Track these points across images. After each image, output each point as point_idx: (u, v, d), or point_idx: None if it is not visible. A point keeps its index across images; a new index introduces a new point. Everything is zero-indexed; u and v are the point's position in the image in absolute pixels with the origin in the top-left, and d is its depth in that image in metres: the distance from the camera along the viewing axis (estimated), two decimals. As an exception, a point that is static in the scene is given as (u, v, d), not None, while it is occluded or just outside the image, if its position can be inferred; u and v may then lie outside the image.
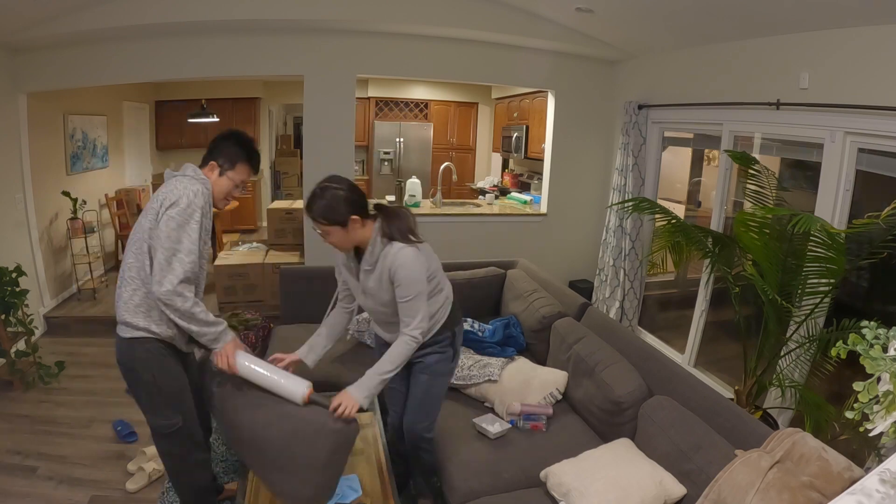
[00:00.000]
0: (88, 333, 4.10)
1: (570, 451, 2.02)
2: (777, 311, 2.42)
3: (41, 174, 4.17)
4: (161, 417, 1.86)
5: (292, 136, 9.03)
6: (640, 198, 3.27)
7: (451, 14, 3.83)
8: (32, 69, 3.77)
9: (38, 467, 2.56)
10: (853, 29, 2.51)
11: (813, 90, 2.72)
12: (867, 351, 0.88)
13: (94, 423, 2.95)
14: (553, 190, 4.78)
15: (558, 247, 4.87)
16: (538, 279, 3.33)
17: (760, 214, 2.50)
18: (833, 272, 2.28)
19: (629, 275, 4.23)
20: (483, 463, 2.08)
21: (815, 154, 2.85)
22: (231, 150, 1.88)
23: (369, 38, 4.06)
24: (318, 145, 4.13)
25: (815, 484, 1.39)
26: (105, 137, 5.37)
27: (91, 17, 3.40)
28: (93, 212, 4.93)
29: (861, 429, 0.92)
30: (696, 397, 2.04)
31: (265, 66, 4.05)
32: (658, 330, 4.38)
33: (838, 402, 2.39)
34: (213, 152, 1.88)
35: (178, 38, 3.82)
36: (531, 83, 4.94)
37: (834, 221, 2.64)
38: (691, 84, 3.66)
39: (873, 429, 0.86)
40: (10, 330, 3.35)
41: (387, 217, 1.85)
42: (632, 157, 4.10)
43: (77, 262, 4.66)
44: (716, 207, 3.53)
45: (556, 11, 3.81)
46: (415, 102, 7.39)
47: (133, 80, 4.34)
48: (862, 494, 0.85)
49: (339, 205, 1.73)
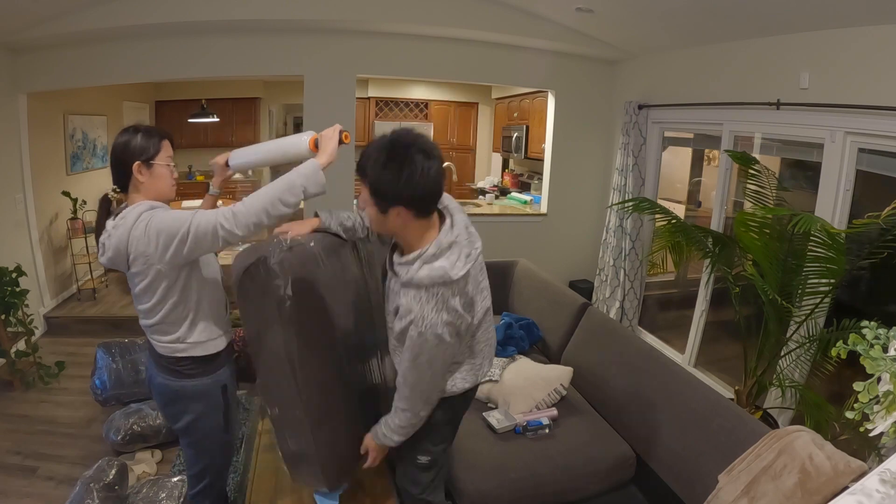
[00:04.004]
0: (88, 333, 4.09)
1: (578, 449, 2.02)
2: (777, 311, 2.42)
3: (41, 174, 4.17)
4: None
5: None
6: (640, 198, 3.27)
7: (451, 14, 3.83)
8: (32, 69, 3.77)
9: (38, 467, 2.56)
10: (853, 29, 2.51)
11: (813, 90, 2.72)
12: (867, 351, 0.88)
13: (94, 423, 2.95)
14: (553, 190, 4.78)
15: (558, 247, 4.86)
16: (538, 279, 3.33)
17: (760, 214, 2.50)
18: (833, 272, 2.28)
19: (629, 275, 4.23)
20: (490, 464, 2.08)
21: (815, 154, 2.85)
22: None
23: (369, 38, 4.06)
24: (319, 145, 4.12)
25: (795, 495, 1.39)
26: (105, 137, 5.37)
27: (91, 16, 3.40)
28: (93, 212, 4.92)
29: (861, 429, 0.92)
30: (697, 397, 2.04)
31: (265, 66, 4.05)
32: (658, 330, 4.37)
33: (838, 402, 2.38)
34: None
35: (178, 39, 3.82)
36: (531, 83, 4.94)
37: (834, 221, 2.64)
38: (691, 84, 3.66)
39: (873, 429, 0.86)
40: (10, 330, 3.35)
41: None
42: (632, 157, 4.09)
43: (77, 262, 4.66)
44: (716, 207, 3.52)
45: (556, 11, 3.81)
46: (415, 102, 7.38)
47: (133, 80, 4.34)
48: (862, 494, 0.85)
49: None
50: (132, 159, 1.50)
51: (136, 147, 1.50)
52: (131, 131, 1.53)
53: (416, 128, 1.38)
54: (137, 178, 1.51)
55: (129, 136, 1.52)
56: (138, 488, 2.29)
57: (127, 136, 1.52)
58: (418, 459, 1.66)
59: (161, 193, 1.56)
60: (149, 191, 1.53)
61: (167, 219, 1.42)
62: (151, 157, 1.52)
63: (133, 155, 1.51)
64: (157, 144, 1.53)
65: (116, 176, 1.54)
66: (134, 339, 3.14)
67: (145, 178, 1.51)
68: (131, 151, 1.51)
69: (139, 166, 1.50)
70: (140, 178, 1.51)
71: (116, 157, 1.52)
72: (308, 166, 1.46)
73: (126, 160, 1.51)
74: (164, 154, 1.54)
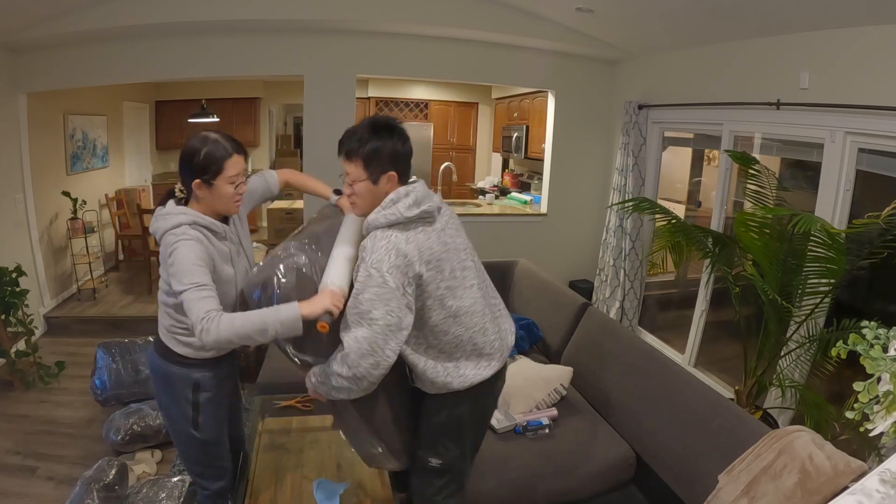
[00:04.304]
0: (88, 333, 4.09)
1: (578, 449, 2.02)
2: (777, 311, 2.42)
3: (41, 174, 4.17)
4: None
5: (292, 136, 9.03)
6: (640, 198, 3.27)
7: (451, 14, 3.83)
8: (33, 69, 3.77)
9: (38, 467, 2.56)
10: (853, 29, 2.51)
11: (813, 90, 2.72)
12: (867, 351, 0.88)
13: (94, 423, 2.95)
14: (553, 190, 4.78)
15: (558, 247, 4.86)
16: (538, 279, 3.33)
17: (760, 214, 2.50)
18: (833, 272, 2.28)
19: (629, 275, 4.23)
20: (490, 464, 2.08)
21: (815, 154, 2.85)
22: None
23: (369, 38, 4.06)
24: (319, 145, 4.12)
25: (795, 495, 1.39)
26: (105, 137, 5.38)
27: (92, 16, 3.40)
28: (93, 212, 4.93)
29: (861, 429, 0.92)
30: (697, 397, 2.04)
31: (265, 66, 4.05)
32: (658, 330, 4.37)
33: (838, 402, 2.38)
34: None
35: (178, 39, 3.82)
36: (531, 83, 4.94)
37: (834, 221, 2.64)
38: (691, 84, 3.66)
39: (873, 429, 0.86)
40: (10, 330, 3.35)
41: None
42: (632, 157, 4.09)
43: (77, 263, 4.66)
44: (716, 207, 3.52)
45: (556, 11, 3.81)
46: (415, 102, 7.38)
47: (133, 80, 4.35)
48: (862, 494, 0.85)
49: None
50: (192, 176, 1.51)
51: (198, 165, 1.50)
52: (199, 143, 1.51)
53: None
54: (196, 192, 1.53)
55: (196, 148, 1.50)
56: (138, 488, 2.29)
57: (194, 148, 1.50)
58: (429, 462, 1.65)
59: (219, 210, 1.57)
60: (207, 205, 1.55)
61: (180, 265, 1.43)
62: (213, 177, 1.51)
63: (194, 172, 1.50)
64: (221, 164, 1.50)
65: (181, 180, 1.56)
66: (134, 339, 3.14)
67: (204, 194, 1.53)
68: (192, 168, 1.50)
69: (199, 184, 1.51)
70: (199, 193, 1.53)
71: (181, 165, 1.53)
72: (289, 314, 1.38)
73: (185, 176, 1.52)
74: (229, 173, 1.52)
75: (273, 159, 8.17)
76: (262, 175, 1.86)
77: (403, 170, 1.50)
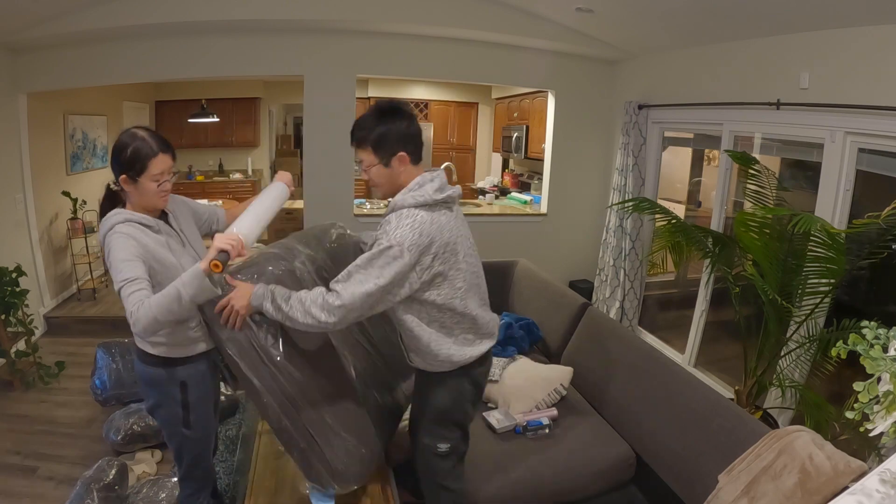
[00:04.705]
0: (88, 333, 4.09)
1: (578, 449, 2.02)
2: (777, 311, 2.42)
3: (41, 174, 4.17)
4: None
5: (292, 136, 9.03)
6: (640, 198, 3.27)
7: (451, 14, 3.83)
8: (32, 69, 3.77)
9: (38, 467, 2.56)
10: (853, 29, 2.51)
11: (813, 90, 2.72)
12: (867, 351, 0.88)
13: (94, 423, 2.95)
14: (553, 190, 4.78)
15: (558, 247, 4.86)
16: (538, 279, 3.33)
17: (760, 214, 2.50)
18: (833, 272, 2.28)
19: (629, 275, 4.23)
20: (490, 464, 2.08)
21: (815, 154, 2.85)
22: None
23: (369, 38, 4.06)
24: (319, 145, 4.12)
25: (795, 495, 1.39)
26: (105, 137, 5.37)
27: (92, 16, 3.40)
28: (93, 212, 4.92)
29: (861, 429, 0.92)
30: (697, 397, 2.04)
31: (265, 66, 4.05)
32: (658, 330, 4.37)
33: (838, 402, 2.38)
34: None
35: (178, 39, 3.82)
36: (531, 83, 4.94)
37: (834, 221, 2.64)
38: (691, 84, 3.66)
39: (873, 429, 0.86)
40: (10, 330, 3.35)
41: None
42: (632, 157, 4.09)
43: (77, 262, 4.66)
44: (716, 207, 3.52)
45: (556, 11, 3.81)
46: (415, 102, 7.37)
47: (133, 80, 4.34)
48: (862, 494, 0.85)
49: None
50: (120, 171, 1.54)
51: (124, 161, 1.52)
52: (128, 139, 1.54)
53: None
54: (123, 186, 1.56)
55: (125, 144, 1.53)
56: (138, 488, 2.29)
57: (123, 144, 1.53)
58: (438, 448, 1.73)
59: (146, 205, 1.60)
60: (136, 201, 1.58)
61: (112, 264, 1.47)
62: (137, 174, 1.53)
63: (120, 167, 1.54)
64: (145, 162, 1.52)
65: (113, 174, 1.58)
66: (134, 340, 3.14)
67: (130, 189, 1.56)
68: (120, 163, 1.54)
69: (125, 179, 1.54)
70: (125, 187, 1.56)
71: (111, 159, 1.56)
72: (191, 271, 1.41)
73: (114, 170, 1.56)
74: (153, 171, 1.53)
75: (273, 159, 8.16)
76: (215, 209, 1.94)
77: (413, 149, 1.56)
